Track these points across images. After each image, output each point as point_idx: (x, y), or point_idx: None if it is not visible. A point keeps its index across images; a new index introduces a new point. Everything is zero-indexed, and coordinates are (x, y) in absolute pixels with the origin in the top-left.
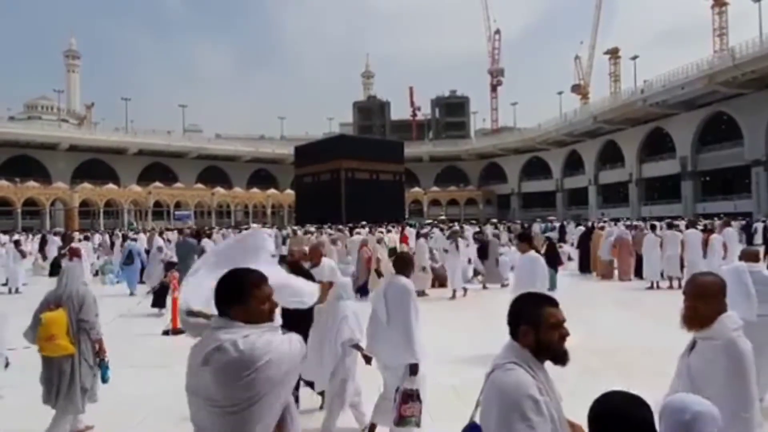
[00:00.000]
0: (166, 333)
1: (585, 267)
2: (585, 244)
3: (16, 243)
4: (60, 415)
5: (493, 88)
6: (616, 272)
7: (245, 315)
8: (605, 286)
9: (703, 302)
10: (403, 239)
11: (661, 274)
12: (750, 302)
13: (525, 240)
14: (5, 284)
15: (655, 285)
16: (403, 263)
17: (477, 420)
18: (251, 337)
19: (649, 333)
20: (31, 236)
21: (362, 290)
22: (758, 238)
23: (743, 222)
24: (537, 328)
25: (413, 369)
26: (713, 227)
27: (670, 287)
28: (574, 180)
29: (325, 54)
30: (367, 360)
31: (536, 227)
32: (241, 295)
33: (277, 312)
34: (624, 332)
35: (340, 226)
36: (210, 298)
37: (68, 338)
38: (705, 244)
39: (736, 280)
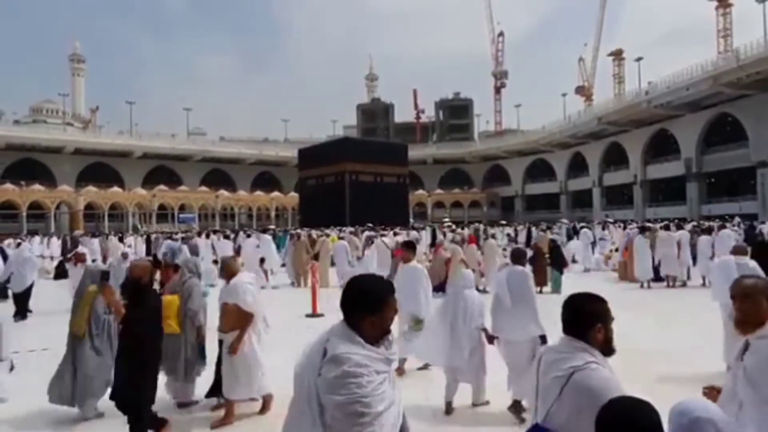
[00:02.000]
0: None
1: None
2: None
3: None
4: (171, 380)
5: (497, 90)
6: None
7: (372, 328)
8: (610, 287)
9: (751, 303)
10: (471, 240)
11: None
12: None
13: (410, 248)
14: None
15: (646, 284)
16: (518, 255)
17: (542, 422)
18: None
19: (650, 334)
20: (46, 239)
21: (440, 288)
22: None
23: (744, 225)
24: (606, 326)
25: (543, 339)
26: (707, 228)
27: (671, 286)
28: (578, 182)
29: (329, 56)
30: (491, 340)
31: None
32: (377, 303)
33: None
34: (627, 334)
35: (351, 228)
36: None
37: (177, 320)
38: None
39: (724, 270)
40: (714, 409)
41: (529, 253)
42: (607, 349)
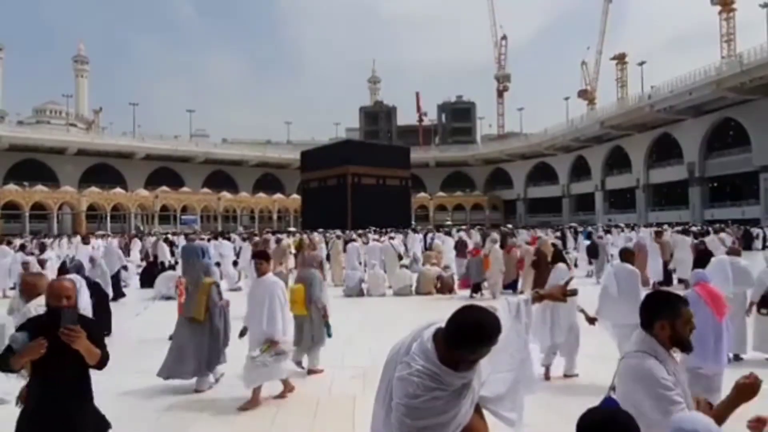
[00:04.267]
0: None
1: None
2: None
3: (22, 247)
4: (297, 350)
5: (500, 94)
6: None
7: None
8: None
9: None
10: (532, 240)
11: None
12: (727, 283)
13: (264, 257)
14: (12, 288)
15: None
16: (626, 255)
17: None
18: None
19: None
20: (56, 240)
21: (512, 287)
22: (758, 244)
23: (740, 229)
24: (673, 323)
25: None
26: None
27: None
28: (580, 186)
29: (332, 59)
30: (591, 321)
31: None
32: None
33: None
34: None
35: (360, 232)
36: None
37: (303, 304)
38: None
39: (719, 268)
40: (703, 422)
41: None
42: (678, 344)
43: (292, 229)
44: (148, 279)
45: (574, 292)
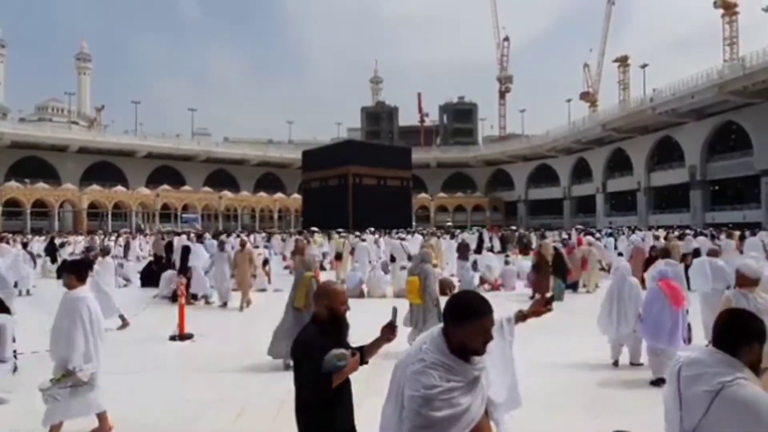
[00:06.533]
0: (173, 339)
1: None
2: None
3: (24, 245)
4: (413, 333)
5: (502, 95)
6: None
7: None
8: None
9: None
10: (579, 241)
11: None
12: (707, 281)
13: (73, 270)
14: (15, 286)
15: None
16: (714, 252)
17: None
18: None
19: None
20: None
21: (572, 287)
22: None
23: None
24: (761, 346)
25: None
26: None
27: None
28: (581, 188)
29: (334, 59)
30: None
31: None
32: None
33: None
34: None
35: (357, 233)
36: None
37: (418, 294)
38: None
39: (700, 267)
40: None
41: (532, 261)
42: (756, 369)
43: (314, 229)
44: (148, 278)
45: (550, 307)
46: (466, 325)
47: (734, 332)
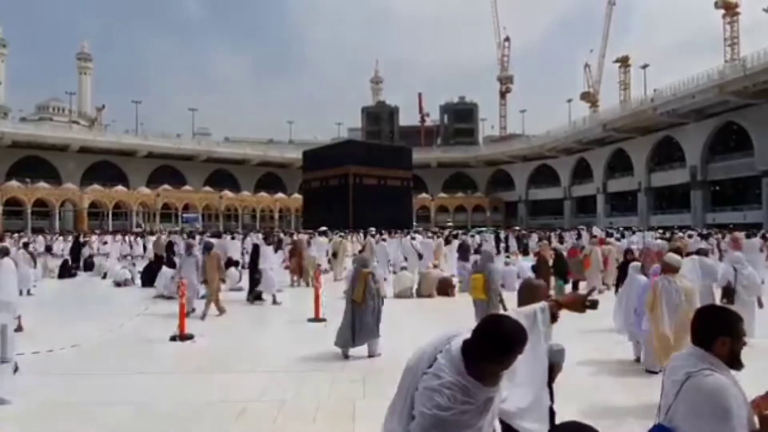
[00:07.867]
0: (173, 339)
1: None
2: None
3: (25, 245)
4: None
5: (502, 95)
6: None
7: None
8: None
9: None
10: (601, 241)
11: None
12: (697, 278)
13: None
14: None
15: None
16: (677, 251)
17: (664, 422)
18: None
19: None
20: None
21: (573, 286)
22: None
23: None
24: (733, 340)
25: (760, 302)
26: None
27: None
28: (582, 188)
29: (335, 59)
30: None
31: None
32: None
33: None
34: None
35: (381, 232)
36: None
37: (483, 290)
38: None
39: (690, 266)
40: None
41: (532, 261)
42: (733, 362)
43: (323, 228)
44: (149, 278)
45: (594, 305)
46: (504, 360)
47: (706, 328)
